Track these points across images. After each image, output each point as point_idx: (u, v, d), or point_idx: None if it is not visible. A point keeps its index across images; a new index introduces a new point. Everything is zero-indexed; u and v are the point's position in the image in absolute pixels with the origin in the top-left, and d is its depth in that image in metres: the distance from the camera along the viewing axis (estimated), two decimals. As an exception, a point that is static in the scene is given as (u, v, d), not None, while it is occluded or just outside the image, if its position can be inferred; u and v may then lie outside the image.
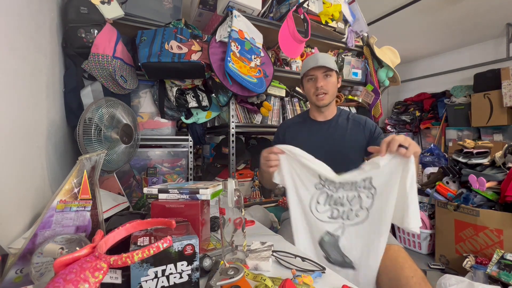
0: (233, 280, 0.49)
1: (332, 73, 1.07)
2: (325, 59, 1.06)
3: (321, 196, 0.87)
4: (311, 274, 0.61)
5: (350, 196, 0.84)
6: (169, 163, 1.53)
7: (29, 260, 0.52)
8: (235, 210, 0.67)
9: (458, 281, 1.27)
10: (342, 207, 0.85)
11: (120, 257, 0.38)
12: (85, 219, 0.64)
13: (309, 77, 1.08)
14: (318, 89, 1.05)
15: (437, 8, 2.58)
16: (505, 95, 2.82)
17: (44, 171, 0.85)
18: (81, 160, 0.64)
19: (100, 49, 1.09)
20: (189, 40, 1.31)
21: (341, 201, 0.85)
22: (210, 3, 1.62)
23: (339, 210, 0.85)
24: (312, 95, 1.08)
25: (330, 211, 0.86)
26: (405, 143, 0.74)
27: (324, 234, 0.86)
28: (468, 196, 1.75)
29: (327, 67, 1.05)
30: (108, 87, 1.18)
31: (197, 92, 1.47)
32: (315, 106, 1.12)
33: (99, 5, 1.15)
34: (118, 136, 1.00)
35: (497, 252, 1.48)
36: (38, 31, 0.88)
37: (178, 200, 0.71)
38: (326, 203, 0.86)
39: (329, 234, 0.85)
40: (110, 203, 0.90)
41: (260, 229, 1.00)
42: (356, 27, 1.84)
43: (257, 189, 1.71)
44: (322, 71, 1.06)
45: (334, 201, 0.85)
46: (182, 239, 0.50)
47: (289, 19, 1.39)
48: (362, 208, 0.83)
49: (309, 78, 1.09)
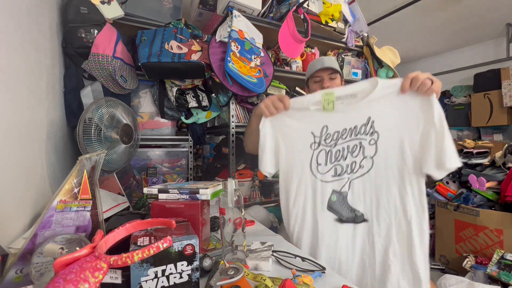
0: (233, 280, 0.49)
1: (337, 76, 1.12)
2: (331, 62, 1.12)
3: (320, 155, 0.81)
4: (311, 274, 0.61)
5: (351, 146, 0.78)
6: (169, 163, 1.53)
7: (29, 260, 0.52)
8: (235, 210, 0.67)
9: (458, 281, 1.27)
10: (344, 161, 0.79)
11: (120, 257, 0.38)
12: (85, 219, 0.64)
13: (315, 78, 1.13)
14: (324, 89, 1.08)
15: (437, 8, 2.57)
16: (505, 95, 2.83)
17: (44, 171, 0.85)
18: (81, 160, 0.64)
19: (100, 49, 1.09)
20: (189, 40, 1.31)
21: (342, 155, 0.79)
22: (210, 3, 1.62)
23: (342, 166, 0.79)
24: None
25: (334, 170, 0.80)
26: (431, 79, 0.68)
27: (331, 195, 0.80)
28: (468, 196, 1.75)
29: (333, 69, 1.10)
30: (108, 87, 1.18)
31: (197, 92, 1.47)
32: None
33: (99, 5, 1.15)
34: (118, 136, 1.00)
35: (497, 252, 1.48)
36: (38, 31, 0.88)
37: (178, 200, 0.71)
38: (327, 162, 0.80)
39: (336, 192, 0.80)
40: (110, 203, 0.90)
41: (260, 229, 1.00)
42: (356, 27, 1.84)
43: (257, 189, 1.71)
44: (328, 73, 1.11)
45: (335, 157, 0.80)
46: (182, 239, 0.50)
47: (289, 19, 1.39)
48: (365, 157, 0.77)
49: (315, 79, 1.13)
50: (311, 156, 0.82)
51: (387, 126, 0.74)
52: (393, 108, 0.73)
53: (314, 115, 0.81)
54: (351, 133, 0.78)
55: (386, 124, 0.75)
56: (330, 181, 0.81)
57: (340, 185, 0.80)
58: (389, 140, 0.75)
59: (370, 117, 0.76)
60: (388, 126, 0.74)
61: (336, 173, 0.80)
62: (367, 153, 0.77)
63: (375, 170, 0.76)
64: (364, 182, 0.78)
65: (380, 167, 0.76)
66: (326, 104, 0.79)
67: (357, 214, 0.78)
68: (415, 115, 0.71)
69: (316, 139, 0.81)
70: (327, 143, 0.80)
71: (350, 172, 0.79)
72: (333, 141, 0.80)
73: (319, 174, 0.82)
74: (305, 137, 0.82)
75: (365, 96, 0.76)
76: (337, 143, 0.80)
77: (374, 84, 0.75)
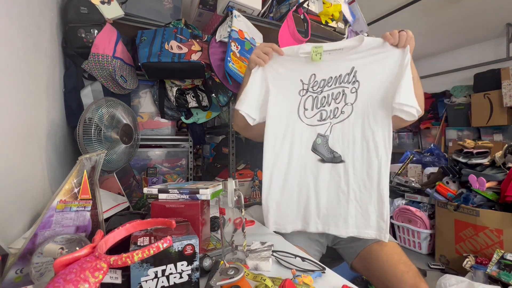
0: (233, 280, 0.49)
1: None
2: None
3: (307, 101, 0.89)
4: (311, 274, 0.61)
5: (335, 93, 0.86)
6: (169, 163, 1.53)
7: (29, 260, 0.52)
8: (235, 210, 0.67)
9: (458, 281, 1.26)
10: (328, 106, 0.87)
11: (120, 257, 0.38)
12: (85, 219, 0.64)
13: None
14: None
15: (437, 8, 2.57)
16: (505, 95, 2.83)
17: (44, 171, 0.85)
18: (81, 160, 0.64)
19: (100, 49, 1.09)
20: (189, 40, 1.31)
21: (327, 101, 0.87)
22: (210, 3, 1.62)
23: (326, 111, 0.87)
24: None
25: (319, 114, 0.88)
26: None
27: (316, 137, 0.88)
28: (468, 196, 1.75)
29: None
30: (108, 87, 1.18)
31: (197, 92, 1.47)
32: None
33: (99, 5, 1.15)
34: (118, 136, 1.00)
35: (497, 252, 1.48)
36: (38, 31, 0.88)
37: (178, 200, 0.71)
38: (313, 107, 0.88)
39: (320, 135, 0.88)
40: (110, 203, 0.90)
41: (260, 229, 1.00)
42: (356, 27, 1.84)
43: (257, 189, 1.71)
44: None
45: (321, 103, 0.87)
46: (182, 239, 0.50)
47: (289, 19, 1.39)
48: (346, 104, 0.85)
49: None
50: (299, 102, 0.89)
51: (368, 76, 0.84)
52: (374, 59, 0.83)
53: (304, 65, 0.89)
54: (335, 81, 0.86)
55: (367, 74, 0.84)
56: (315, 125, 0.88)
57: (324, 129, 0.88)
58: (367, 88, 0.84)
59: (354, 67, 0.85)
60: (369, 76, 0.84)
61: (321, 118, 0.88)
62: (348, 100, 0.85)
63: (354, 115, 0.85)
64: (343, 126, 0.86)
65: (358, 113, 0.84)
66: (315, 55, 0.86)
67: (335, 155, 0.86)
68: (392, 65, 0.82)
69: (305, 86, 0.89)
70: (314, 90, 0.88)
71: (333, 117, 0.87)
72: (319, 88, 0.88)
73: (305, 118, 0.89)
74: (295, 84, 0.89)
75: (351, 49, 0.85)
76: (323, 90, 0.87)
77: (360, 40, 0.85)
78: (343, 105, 0.86)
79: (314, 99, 0.88)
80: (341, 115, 0.86)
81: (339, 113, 0.86)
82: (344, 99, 0.86)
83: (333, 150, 0.87)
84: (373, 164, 0.83)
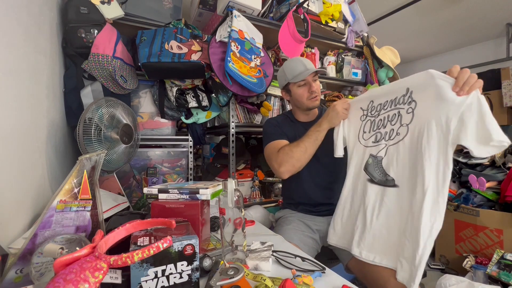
0: (233, 280, 0.49)
1: (317, 76, 1.12)
2: (311, 63, 1.11)
3: (366, 125, 0.94)
4: (311, 274, 0.61)
5: (390, 115, 0.86)
6: (169, 163, 1.53)
7: (29, 260, 0.52)
8: (235, 210, 0.67)
9: (458, 281, 1.26)
10: (384, 128, 0.88)
11: (120, 257, 0.38)
12: (85, 219, 0.64)
13: (299, 82, 1.09)
14: (312, 93, 1.09)
15: (437, 8, 2.57)
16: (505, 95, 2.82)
17: (44, 171, 0.85)
18: (81, 160, 0.64)
19: (100, 49, 1.09)
20: (189, 40, 1.31)
21: (383, 123, 0.88)
22: (210, 3, 1.62)
23: (381, 133, 0.88)
24: (306, 99, 1.10)
25: (374, 136, 0.90)
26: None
27: (368, 158, 0.90)
28: (468, 196, 1.75)
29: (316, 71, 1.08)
30: (108, 87, 1.18)
31: (197, 92, 1.47)
32: (304, 109, 1.15)
33: (99, 5, 1.15)
34: (118, 136, 1.00)
35: (497, 252, 1.48)
36: (38, 31, 0.88)
37: (178, 200, 0.71)
38: (370, 130, 0.92)
39: (372, 156, 0.89)
40: (110, 203, 0.90)
41: (260, 229, 1.00)
42: (356, 27, 1.84)
43: (257, 189, 1.71)
44: (312, 75, 1.09)
45: (377, 126, 0.90)
46: (182, 239, 0.50)
47: (289, 19, 1.39)
48: (402, 125, 0.83)
49: (300, 83, 1.09)
50: (359, 127, 0.96)
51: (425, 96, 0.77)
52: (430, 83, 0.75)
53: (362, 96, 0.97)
54: (391, 103, 0.87)
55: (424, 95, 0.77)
56: (369, 146, 0.91)
57: (378, 150, 0.88)
58: (425, 109, 0.76)
59: (409, 88, 0.82)
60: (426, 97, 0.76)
61: (376, 140, 0.90)
62: (404, 121, 0.83)
63: (410, 137, 0.80)
64: (398, 148, 0.83)
65: (414, 135, 0.79)
66: None
67: (388, 178, 0.84)
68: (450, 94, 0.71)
69: (364, 112, 0.95)
70: (372, 114, 0.92)
71: (388, 139, 0.86)
72: (376, 112, 0.91)
73: (363, 140, 0.94)
74: (357, 113, 0.97)
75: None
76: (379, 114, 0.90)
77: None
78: (399, 126, 0.83)
79: (372, 122, 0.92)
80: (397, 136, 0.83)
81: (395, 135, 0.84)
82: (399, 120, 0.83)
83: (386, 173, 0.84)
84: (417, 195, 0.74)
